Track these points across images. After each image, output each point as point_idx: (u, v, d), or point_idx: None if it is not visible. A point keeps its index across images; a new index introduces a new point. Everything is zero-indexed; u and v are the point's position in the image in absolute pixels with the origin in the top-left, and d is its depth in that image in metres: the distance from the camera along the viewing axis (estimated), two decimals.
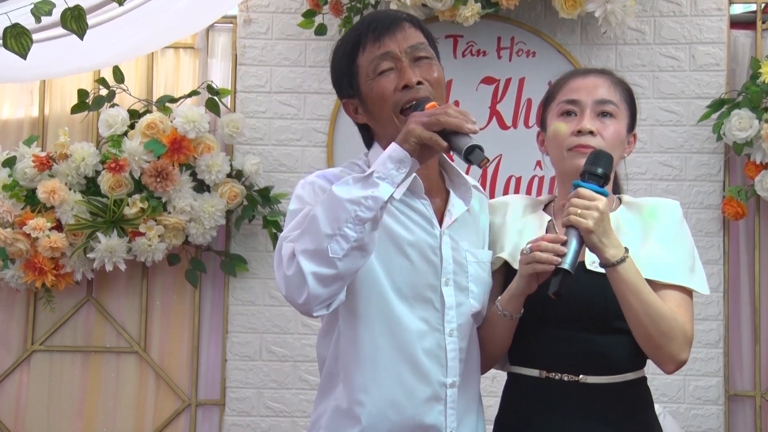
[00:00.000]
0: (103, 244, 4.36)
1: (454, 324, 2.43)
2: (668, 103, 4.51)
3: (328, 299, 2.27)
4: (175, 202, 4.42)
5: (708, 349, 4.43)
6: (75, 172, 4.41)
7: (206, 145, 4.45)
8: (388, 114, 2.42)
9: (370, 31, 2.45)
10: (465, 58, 4.56)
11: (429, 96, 2.40)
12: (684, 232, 2.54)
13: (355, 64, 2.46)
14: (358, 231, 2.18)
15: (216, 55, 4.76)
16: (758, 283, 4.47)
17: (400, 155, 2.21)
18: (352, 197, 2.19)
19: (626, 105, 2.57)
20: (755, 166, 4.31)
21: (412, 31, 2.46)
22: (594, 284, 2.36)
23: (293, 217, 2.38)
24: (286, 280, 2.27)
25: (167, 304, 4.71)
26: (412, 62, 2.42)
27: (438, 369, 2.41)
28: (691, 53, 4.52)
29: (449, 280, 2.44)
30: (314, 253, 2.20)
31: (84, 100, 4.52)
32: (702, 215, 4.46)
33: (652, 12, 4.54)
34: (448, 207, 2.50)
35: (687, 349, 2.40)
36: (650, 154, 4.50)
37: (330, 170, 2.52)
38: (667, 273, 2.43)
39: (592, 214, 2.27)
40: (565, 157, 2.52)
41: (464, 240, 2.50)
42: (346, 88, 2.51)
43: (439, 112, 2.22)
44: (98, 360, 4.69)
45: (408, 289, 2.41)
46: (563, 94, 2.57)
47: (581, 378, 2.41)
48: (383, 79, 2.42)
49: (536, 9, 4.55)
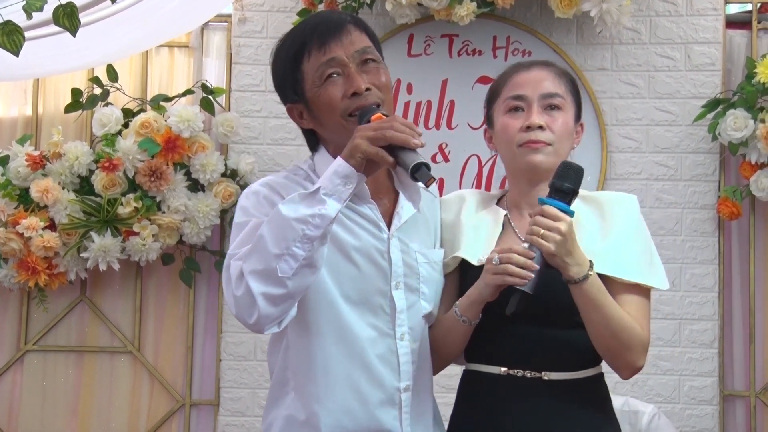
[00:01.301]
0: (97, 244, 4.35)
1: (405, 327, 2.40)
2: (664, 102, 4.51)
3: (279, 317, 2.24)
4: (169, 201, 4.41)
5: (702, 349, 4.43)
6: (68, 171, 4.39)
7: (201, 144, 4.43)
8: (337, 121, 2.36)
9: (315, 36, 2.38)
10: (461, 57, 4.55)
11: (378, 101, 2.35)
12: (642, 226, 2.53)
13: (299, 70, 2.40)
14: (306, 249, 2.15)
15: (211, 54, 4.75)
16: (753, 283, 4.46)
17: (346, 171, 2.18)
18: (299, 216, 2.15)
19: (572, 96, 2.56)
20: (750, 166, 4.31)
21: (357, 35, 2.40)
22: (558, 280, 2.34)
23: (239, 230, 2.33)
24: (235, 300, 2.23)
25: (161, 304, 4.70)
26: (359, 67, 2.37)
27: (391, 374, 2.38)
28: (687, 53, 4.51)
29: (399, 284, 2.40)
30: (263, 273, 2.17)
31: (78, 99, 4.50)
32: (697, 215, 4.46)
33: (647, 11, 4.54)
34: (397, 209, 2.46)
35: (644, 357, 2.41)
36: (645, 153, 4.50)
37: (274, 178, 2.45)
38: (627, 270, 2.43)
39: (555, 237, 2.27)
40: (516, 153, 2.50)
41: (414, 241, 2.46)
42: (291, 94, 2.44)
43: (385, 126, 2.18)
44: (92, 360, 4.68)
45: (357, 295, 2.37)
46: (508, 89, 2.55)
47: (544, 375, 2.40)
48: (330, 86, 2.36)
49: (532, 8, 4.54)
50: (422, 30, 4.55)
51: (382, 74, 2.41)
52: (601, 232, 2.47)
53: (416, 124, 4.50)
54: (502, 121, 2.54)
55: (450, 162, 4.53)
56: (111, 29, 4.16)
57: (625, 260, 2.44)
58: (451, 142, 4.53)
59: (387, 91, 2.41)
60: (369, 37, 2.44)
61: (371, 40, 2.44)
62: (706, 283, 4.44)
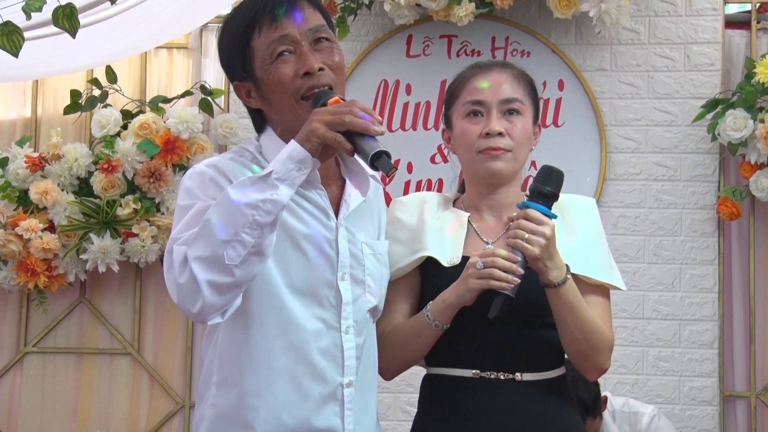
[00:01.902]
0: (96, 245, 4.35)
1: (351, 320, 2.31)
2: (663, 103, 4.50)
3: (224, 307, 2.13)
4: (168, 202, 4.41)
5: (703, 350, 4.42)
6: (68, 173, 4.39)
7: (199, 145, 4.43)
8: (288, 101, 2.26)
9: (266, 12, 2.28)
10: (459, 58, 4.55)
11: (331, 83, 2.26)
12: (600, 228, 2.55)
13: (249, 46, 2.29)
14: (255, 236, 2.05)
15: (209, 55, 4.75)
16: (753, 283, 4.46)
17: (301, 155, 2.08)
18: (250, 201, 2.05)
19: (530, 99, 2.54)
20: (750, 167, 4.30)
21: (311, 12, 2.31)
22: (528, 280, 2.31)
23: (184, 213, 2.21)
24: (178, 288, 2.11)
25: (161, 306, 4.70)
26: (312, 46, 2.28)
27: (334, 368, 2.28)
28: (686, 53, 4.51)
29: (345, 275, 2.31)
30: (209, 260, 2.06)
31: (77, 100, 4.50)
32: (697, 215, 4.45)
33: (646, 12, 4.53)
34: (344, 197, 2.37)
35: (610, 357, 2.44)
36: (645, 154, 4.49)
37: (219, 158, 2.34)
38: (594, 270, 2.44)
39: (539, 241, 2.27)
40: (476, 159, 2.47)
41: (361, 231, 2.37)
42: (239, 71, 2.33)
43: (343, 111, 2.09)
44: (91, 362, 4.68)
45: (304, 285, 2.27)
46: (468, 93, 2.52)
47: (517, 376, 2.39)
48: (281, 65, 2.26)
49: (530, 9, 4.54)
50: (421, 31, 4.55)
51: (335, 54, 2.31)
52: (565, 233, 2.45)
53: (415, 124, 4.51)
54: (461, 126, 2.51)
55: (449, 162, 4.51)
56: (110, 30, 4.15)
57: (591, 261, 2.46)
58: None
59: (340, 73, 2.31)
60: (322, 14, 2.34)
61: (324, 18, 2.34)
62: (705, 284, 4.44)
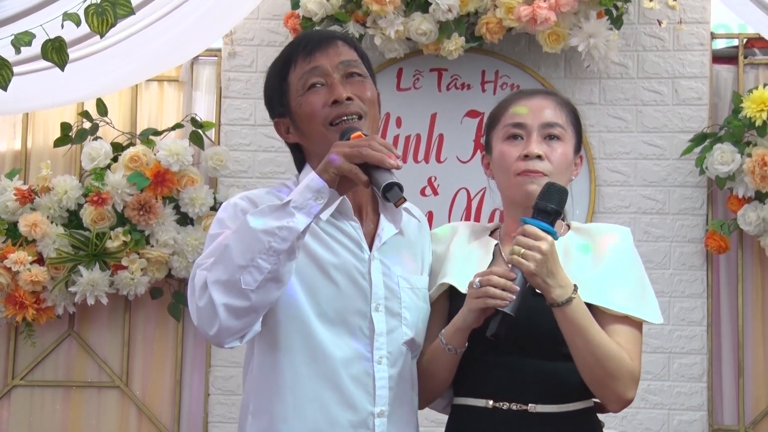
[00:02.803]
0: (85, 278, 4.34)
1: (384, 351, 2.34)
2: (651, 136, 4.53)
3: (241, 331, 2.19)
4: (158, 235, 4.40)
5: (692, 383, 4.42)
6: (57, 206, 4.39)
7: (190, 178, 4.44)
8: (318, 129, 2.35)
9: (301, 48, 2.38)
10: (449, 91, 4.57)
11: (360, 111, 2.34)
12: (635, 258, 2.49)
13: (286, 81, 2.40)
14: (272, 262, 2.11)
15: (200, 88, 4.76)
16: (741, 316, 4.46)
17: (318, 185, 2.14)
18: (267, 227, 2.11)
19: (572, 127, 2.52)
20: (738, 200, 4.32)
21: (345, 49, 2.40)
22: (543, 309, 2.29)
23: (211, 241, 2.29)
24: (198, 311, 2.19)
25: (150, 338, 4.68)
26: (344, 78, 2.36)
27: (365, 397, 2.32)
28: (674, 87, 4.54)
29: (380, 306, 2.36)
30: (226, 284, 2.13)
31: (67, 133, 4.50)
32: (685, 249, 4.47)
33: (635, 46, 4.56)
34: (378, 231, 2.42)
35: (633, 388, 2.35)
36: (634, 187, 4.51)
37: (256, 192, 2.44)
38: (618, 302, 2.38)
39: (535, 256, 2.23)
40: (513, 183, 2.46)
41: (397, 265, 2.42)
42: (277, 107, 2.44)
43: (362, 144, 2.15)
44: (80, 395, 4.65)
45: (335, 314, 2.32)
46: (509, 116, 2.51)
47: (530, 407, 2.35)
48: (312, 95, 2.35)
49: (520, 43, 4.56)
50: (411, 64, 4.57)
51: (367, 88, 2.39)
52: (592, 262, 2.42)
53: (405, 157, 4.53)
54: (500, 149, 2.50)
55: (439, 195, 4.54)
56: (100, 63, 4.17)
57: (615, 291, 2.39)
58: (440, 176, 4.54)
59: (371, 105, 2.38)
60: (358, 53, 2.43)
61: (360, 56, 2.43)
62: (694, 317, 4.44)
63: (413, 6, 4.22)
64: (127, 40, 4.17)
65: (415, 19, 4.20)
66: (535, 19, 4.08)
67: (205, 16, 4.29)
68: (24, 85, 3.82)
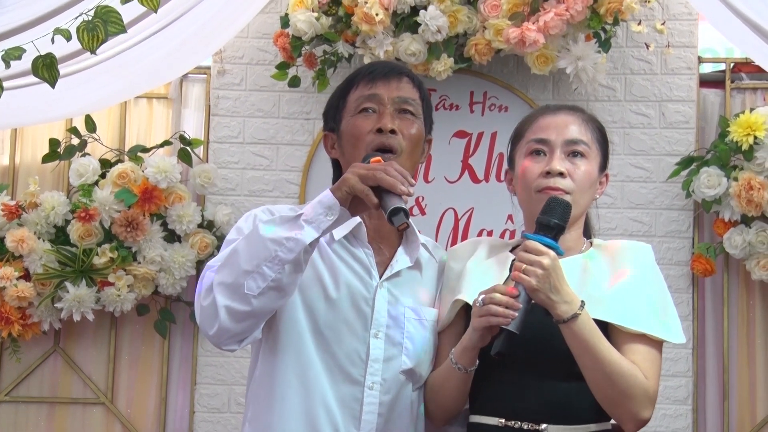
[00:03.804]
0: (72, 294, 4.32)
1: (378, 378, 2.37)
2: (638, 159, 4.54)
3: (240, 335, 2.24)
4: (145, 252, 4.40)
5: (677, 406, 4.43)
6: (44, 221, 4.38)
7: (177, 195, 4.44)
8: (359, 156, 2.40)
9: (367, 73, 2.46)
10: (438, 111, 4.57)
11: (398, 147, 2.39)
12: (655, 275, 2.45)
13: (344, 99, 2.47)
14: (276, 271, 2.15)
15: (189, 106, 4.76)
16: (726, 339, 4.48)
17: (330, 202, 2.19)
18: (275, 236, 2.16)
19: (598, 144, 2.50)
20: (724, 224, 4.34)
21: (407, 86, 2.47)
22: (555, 327, 2.26)
23: (226, 246, 2.34)
24: (201, 310, 2.24)
25: (135, 355, 4.67)
26: (396, 112, 2.42)
27: (351, 420, 2.35)
28: (662, 111, 4.56)
29: (380, 333, 2.38)
30: (230, 287, 2.18)
31: (55, 149, 4.49)
32: (671, 271, 4.48)
33: (623, 69, 4.59)
34: (392, 261, 2.46)
35: (649, 408, 2.31)
36: (620, 209, 4.53)
37: (279, 206, 2.49)
38: (635, 319, 2.34)
39: (536, 272, 2.21)
40: (534, 199, 2.43)
41: (407, 296, 2.45)
42: (330, 121, 2.51)
43: (378, 168, 2.20)
44: (64, 411, 4.63)
45: (330, 333, 2.35)
46: (532, 132, 2.49)
47: (543, 427, 2.32)
48: (361, 118, 2.42)
49: (509, 65, 4.58)
50: None
51: (414, 127, 2.45)
52: (611, 279, 2.39)
53: None
54: (522, 164, 2.48)
55: (426, 215, 4.54)
56: (89, 80, 4.17)
57: (632, 309, 2.35)
58: (428, 196, 4.55)
59: (411, 143, 2.43)
60: (419, 93, 2.49)
61: (421, 98, 2.49)
62: None
63: (402, 26, 4.23)
64: (116, 57, 4.18)
65: (405, 39, 4.21)
66: (523, 41, 4.09)
67: (195, 34, 4.30)
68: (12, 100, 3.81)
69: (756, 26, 3.81)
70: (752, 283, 4.47)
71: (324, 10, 4.28)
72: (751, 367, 4.49)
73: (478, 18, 4.22)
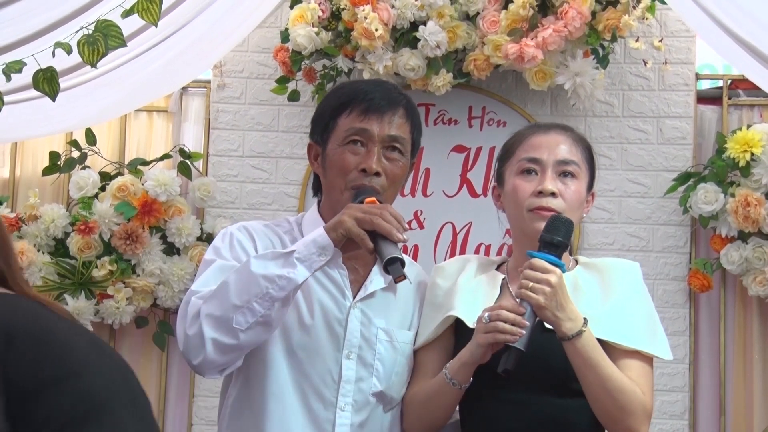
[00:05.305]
0: (71, 306, 4.33)
1: (350, 399, 2.36)
2: (636, 175, 4.56)
3: (223, 365, 2.24)
4: (144, 264, 4.41)
5: (673, 421, 4.43)
6: (44, 234, 4.39)
7: (177, 208, 4.45)
8: (339, 185, 2.40)
9: (365, 99, 2.41)
10: (437, 126, 4.60)
11: (379, 189, 2.37)
12: (644, 293, 2.48)
13: (335, 120, 2.43)
14: (266, 307, 2.15)
15: (189, 119, 4.78)
16: (723, 355, 4.48)
17: (324, 242, 2.20)
18: (267, 273, 2.16)
19: (587, 164, 2.52)
20: (721, 240, 4.35)
21: (401, 121, 2.43)
22: (553, 344, 2.28)
23: (206, 267, 2.34)
24: (185, 339, 2.23)
25: (134, 367, 4.51)
26: (384, 150, 2.40)
27: None
28: (659, 127, 4.57)
29: (352, 354, 2.38)
30: (219, 320, 2.17)
31: (56, 162, 4.51)
32: (668, 287, 4.49)
33: (620, 85, 4.60)
34: (366, 281, 2.45)
35: (646, 423, 2.32)
36: (618, 225, 4.54)
37: (254, 223, 2.48)
38: (628, 336, 2.36)
39: (544, 290, 2.22)
40: (525, 218, 2.44)
41: (380, 317, 2.44)
42: (317, 134, 2.48)
43: (375, 212, 2.20)
44: None
45: (303, 354, 2.36)
46: (523, 150, 2.50)
47: None
48: (348, 152, 2.39)
49: (507, 80, 4.60)
50: None
51: (398, 167, 2.42)
52: (602, 297, 2.41)
53: None
54: (513, 182, 2.49)
55: (425, 229, 4.55)
56: (90, 93, 4.18)
57: (626, 326, 2.37)
58: (426, 210, 4.56)
59: (392, 183, 2.41)
60: (411, 129, 2.46)
61: (411, 133, 2.46)
62: (677, 355, 4.45)
63: (402, 42, 4.25)
64: (116, 70, 4.19)
65: (404, 54, 4.23)
66: (522, 57, 4.11)
67: (194, 46, 4.31)
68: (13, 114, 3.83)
69: (749, 46, 3.83)
70: (749, 299, 4.48)
71: (324, 25, 4.30)
72: (747, 383, 4.50)
73: (477, 34, 4.23)
